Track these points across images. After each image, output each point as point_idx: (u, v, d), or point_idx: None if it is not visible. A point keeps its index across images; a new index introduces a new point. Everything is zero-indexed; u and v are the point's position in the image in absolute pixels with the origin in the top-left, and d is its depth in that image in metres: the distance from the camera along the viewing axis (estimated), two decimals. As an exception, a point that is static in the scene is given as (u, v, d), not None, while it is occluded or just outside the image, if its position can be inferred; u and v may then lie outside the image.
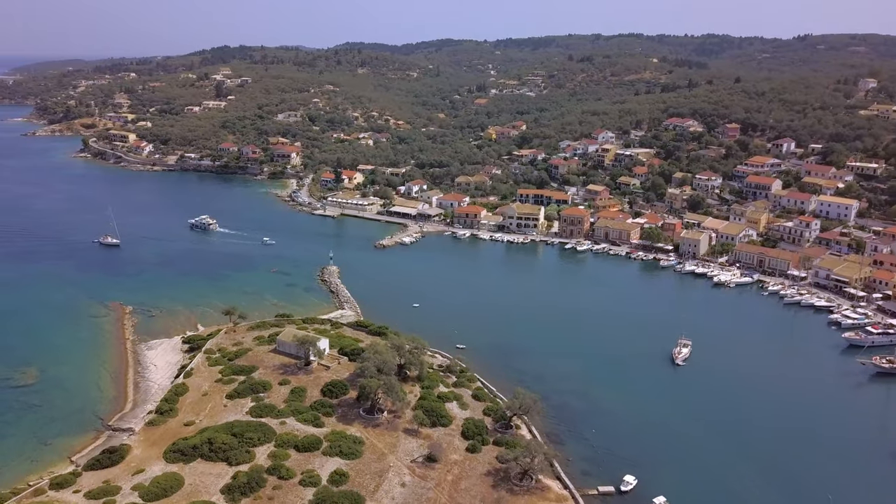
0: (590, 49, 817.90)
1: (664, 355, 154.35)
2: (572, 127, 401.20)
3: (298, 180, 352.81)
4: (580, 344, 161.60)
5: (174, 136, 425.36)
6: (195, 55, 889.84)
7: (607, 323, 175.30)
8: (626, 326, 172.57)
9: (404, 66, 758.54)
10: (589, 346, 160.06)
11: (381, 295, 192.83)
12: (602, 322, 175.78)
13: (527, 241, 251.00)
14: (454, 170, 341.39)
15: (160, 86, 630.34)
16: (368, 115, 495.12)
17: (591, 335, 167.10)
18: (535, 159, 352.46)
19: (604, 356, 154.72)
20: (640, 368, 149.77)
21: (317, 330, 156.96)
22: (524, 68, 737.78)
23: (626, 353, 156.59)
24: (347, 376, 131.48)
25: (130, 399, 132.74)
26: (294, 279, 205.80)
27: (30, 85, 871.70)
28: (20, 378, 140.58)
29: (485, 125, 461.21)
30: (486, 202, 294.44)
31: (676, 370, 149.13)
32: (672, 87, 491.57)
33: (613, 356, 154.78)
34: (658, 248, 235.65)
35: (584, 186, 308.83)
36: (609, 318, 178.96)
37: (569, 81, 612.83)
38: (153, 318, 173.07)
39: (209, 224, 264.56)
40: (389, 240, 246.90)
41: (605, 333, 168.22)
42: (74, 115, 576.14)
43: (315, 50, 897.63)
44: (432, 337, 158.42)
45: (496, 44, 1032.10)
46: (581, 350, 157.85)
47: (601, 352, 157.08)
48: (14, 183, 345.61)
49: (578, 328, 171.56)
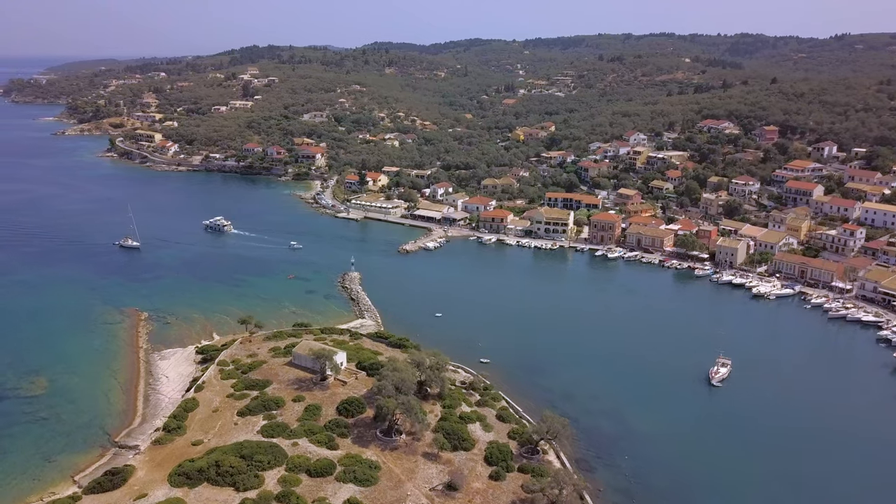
0: (620, 49, 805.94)
1: (700, 374, 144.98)
2: (603, 128, 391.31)
3: (322, 182, 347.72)
4: (611, 359, 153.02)
5: (200, 136, 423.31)
6: (224, 55, 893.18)
7: (640, 337, 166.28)
8: (660, 341, 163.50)
9: (432, 65, 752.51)
10: (620, 362, 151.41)
11: (402, 303, 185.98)
12: (634, 336, 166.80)
13: (555, 247, 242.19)
14: (481, 172, 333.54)
15: (188, 85, 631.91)
16: (394, 116, 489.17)
17: (622, 350, 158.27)
18: (564, 161, 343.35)
19: (636, 373, 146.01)
20: (675, 388, 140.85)
21: (335, 341, 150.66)
22: (553, 68, 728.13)
23: (660, 370, 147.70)
24: (365, 393, 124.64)
25: (139, 413, 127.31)
26: (314, 285, 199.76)
27: (62, 84, 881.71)
28: (29, 388, 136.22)
29: (513, 126, 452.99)
30: (513, 206, 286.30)
31: (712, 392, 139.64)
32: (706, 88, 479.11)
33: (646, 374, 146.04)
34: (693, 257, 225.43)
35: (615, 190, 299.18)
36: (642, 331, 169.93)
37: (599, 81, 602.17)
38: (168, 326, 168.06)
39: (224, 226, 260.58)
40: (413, 244, 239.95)
41: (638, 348, 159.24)
42: (104, 114, 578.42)
43: (343, 50, 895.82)
44: (455, 350, 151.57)
45: (525, 43, 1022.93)
46: (612, 366, 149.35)
47: (633, 368, 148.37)
48: (39, 183, 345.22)
49: (610, 342, 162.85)
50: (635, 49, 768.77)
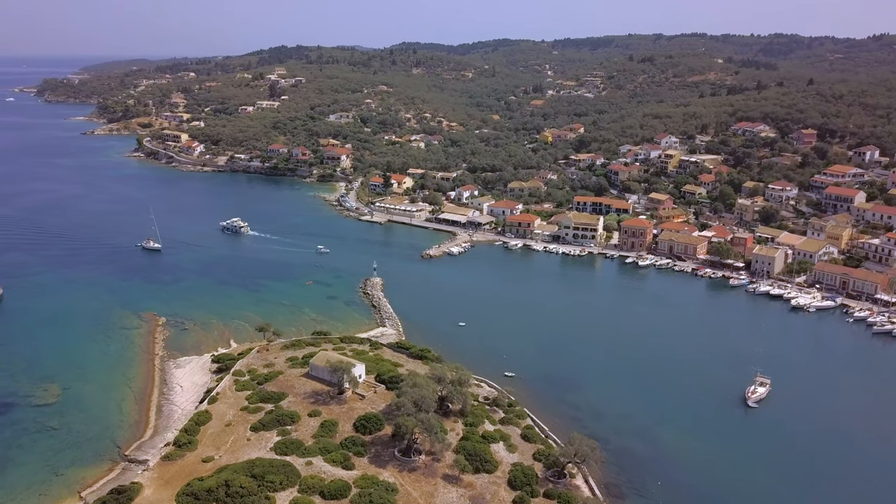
0: (651, 49, 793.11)
1: (736, 393, 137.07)
2: (633, 130, 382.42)
3: (347, 184, 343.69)
4: (642, 374, 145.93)
5: (225, 137, 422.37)
6: (253, 55, 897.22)
7: (672, 351, 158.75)
8: (694, 356, 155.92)
9: (459, 66, 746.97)
10: (652, 378, 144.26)
11: (424, 311, 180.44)
12: (666, 349, 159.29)
13: (584, 253, 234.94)
14: (507, 174, 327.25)
15: (216, 85, 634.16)
16: (421, 117, 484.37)
17: (654, 364, 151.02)
18: (593, 164, 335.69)
19: (668, 391, 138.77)
20: (709, 408, 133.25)
21: (355, 351, 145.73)
22: (582, 69, 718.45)
23: (694, 387, 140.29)
24: (384, 408, 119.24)
25: (151, 425, 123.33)
26: (335, 291, 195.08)
27: (94, 84, 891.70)
28: (41, 396, 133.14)
29: (540, 127, 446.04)
30: (541, 210, 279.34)
31: (748, 413, 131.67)
32: (739, 89, 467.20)
33: (679, 391, 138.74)
34: (727, 265, 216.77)
35: (646, 194, 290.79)
36: (674, 345, 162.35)
37: (629, 82, 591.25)
38: (185, 332, 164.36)
39: (240, 227, 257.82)
40: (437, 249, 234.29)
41: (670, 363, 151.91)
42: (133, 114, 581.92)
43: (371, 50, 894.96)
44: (478, 362, 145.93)
45: (554, 44, 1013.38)
46: (643, 382, 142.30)
47: (665, 385, 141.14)
48: (66, 182, 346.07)
49: (641, 355, 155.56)
50: (666, 49, 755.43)
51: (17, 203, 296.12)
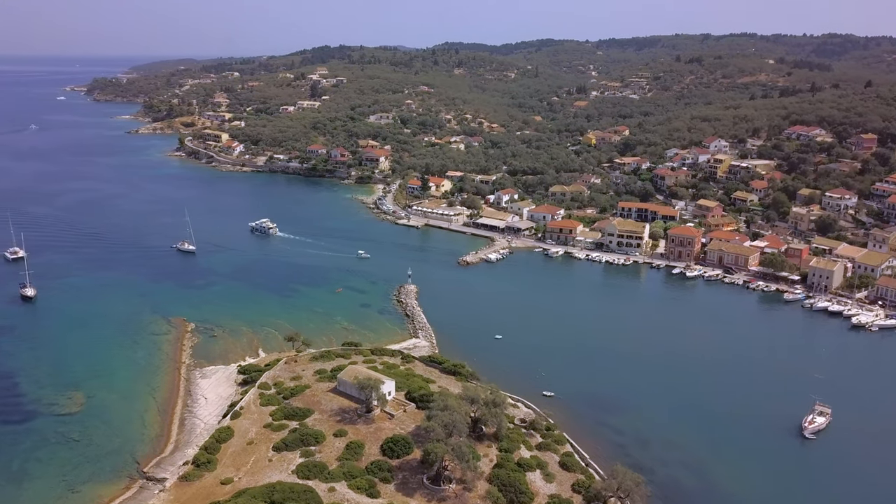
0: (698, 49, 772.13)
1: (792, 422, 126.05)
2: (680, 133, 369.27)
3: (385, 186, 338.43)
4: (691, 397, 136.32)
5: (265, 137, 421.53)
6: (296, 55, 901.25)
7: (722, 372, 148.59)
8: (746, 378, 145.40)
9: (502, 66, 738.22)
10: (701, 402, 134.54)
11: (459, 322, 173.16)
12: (716, 370, 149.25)
13: (628, 262, 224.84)
14: (549, 178, 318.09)
15: (258, 85, 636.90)
16: (461, 118, 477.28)
17: (703, 386, 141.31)
18: (638, 168, 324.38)
19: (719, 417, 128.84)
20: (762, 438, 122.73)
21: (385, 364, 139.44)
22: (627, 69, 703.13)
23: (746, 414, 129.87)
24: (413, 429, 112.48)
25: (173, 440, 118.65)
26: (369, 298, 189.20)
27: (141, 83, 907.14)
28: (65, 404, 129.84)
29: (584, 129, 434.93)
30: (583, 215, 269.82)
31: (805, 445, 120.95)
32: (792, 91, 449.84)
33: (730, 418, 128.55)
34: (781, 278, 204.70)
35: (694, 201, 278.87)
36: (725, 365, 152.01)
37: (676, 83, 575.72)
38: (214, 339, 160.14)
39: (269, 228, 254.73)
40: (474, 256, 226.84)
41: (721, 385, 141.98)
42: (176, 113, 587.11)
43: (414, 50, 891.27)
44: (514, 379, 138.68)
45: (598, 44, 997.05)
46: (691, 406, 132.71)
47: (715, 411, 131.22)
48: (106, 182, 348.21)
49: (689, 376, 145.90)
50: (714, 50, 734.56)
51: (58, 202, 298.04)
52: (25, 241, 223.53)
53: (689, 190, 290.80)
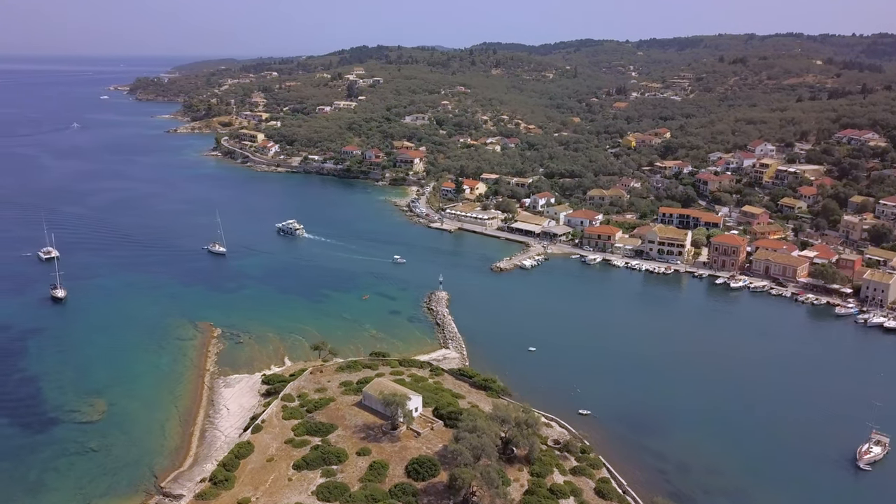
0: (742, 49, 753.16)
1: (845, 451, 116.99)
2: (724, 136, 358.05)
3: (419, 188, 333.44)
4: (735, 420, 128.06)
5: (300, 137, 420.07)
6: (334, 55, 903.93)
7: (770, 392, 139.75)
8: (794, 400, 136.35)
9: (540, 66, 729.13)
10: (747, 424, 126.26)
11: (491, 332, 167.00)
12: (763, 390, 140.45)
13: (669, 271, 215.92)
14: (587, 181, 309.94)
15: (295, 85, 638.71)
16: (498, 119, 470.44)
17: (750, 407, 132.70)
18: (680, 172, 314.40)
19: (765, 443, 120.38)
20: (812, 466, 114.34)
21: (413, 377, 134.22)
22: (669, 70, 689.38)
23: (794, 440, 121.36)
24: (440, 449, 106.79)
25: (192, 453, 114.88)
26: (399, 305, 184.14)
27: (182, 83, 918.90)
28: (86, 412, 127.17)
29: (623, 131, 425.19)
30: (622, 220, 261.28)
31: (859, 477, 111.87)
32: (842, 93, 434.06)
33: (777, 444, 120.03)
34: (833, 291, 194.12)
35: (739, 207, 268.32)
36: (773, 384, 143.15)
37: (719, 85, 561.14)
38: (240, 346, 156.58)
39: (295, 229, 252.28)
40: (508, 262, 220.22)
41: (768, 406, 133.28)
42: (214, 112, 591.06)
43: (451, 50, 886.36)
44: (548, 396, 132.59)
45: (639, 44, 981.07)
46: (737, 429, 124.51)
47: (762, 434, 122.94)
48: (142, 181, 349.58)
49: (734, 396, 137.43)
50: (759, 50, 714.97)
51: (93, 201, 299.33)
52: (59, 241, 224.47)
53: (734, 196, 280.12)
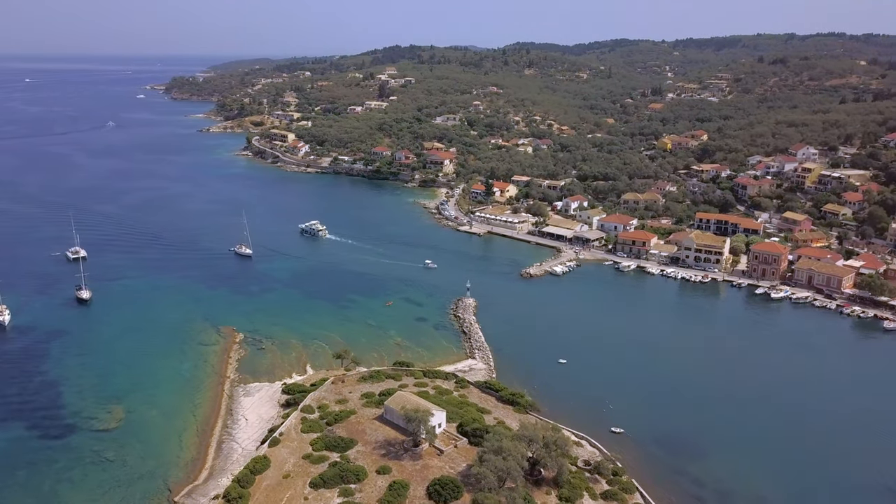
0: (782, 50, 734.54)
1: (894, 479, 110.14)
2: (764, 139, 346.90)
3: (448, 190, 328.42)
4: (779, 442, 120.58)
5: (330, 137, 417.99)
6: (367, 55, 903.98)
7: (815, 412, 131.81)
8: (842, 420, 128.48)
9: (574, 66, 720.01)
10: (790, 447, 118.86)
11: (520, 342, 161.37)
12: (807, 409, 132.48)
13: (706, 279, 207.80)
14: (621, 185, 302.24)
15: (327, 85, 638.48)
16: (530, 120, 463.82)
17: (793, 429, 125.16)
18: (717, 176, 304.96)
19: (811, 467, 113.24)
20: (864, 496, 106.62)
21: (438, 389, 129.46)
22: (706, 70, 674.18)
23: (842, 465, 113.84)
24: (463, 468, 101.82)
25: (208, 465, 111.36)
26: (425, 311, 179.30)
27: (216, 82, 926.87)
28: (104, 419, 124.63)
29: (659, 133, 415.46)
30: (658, 226, 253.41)
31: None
32: (888, 95, 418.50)
33: (824, 469, 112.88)
34: (880, 303, 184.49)
35: (779, 213, 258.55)
36: (817, 403, 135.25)
37: (758, 86, 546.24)
38: (262, 353, 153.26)
39: (318, 230, 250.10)
40: (538, 268, 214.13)
41: (813, 428, 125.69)
42: (247, 112, 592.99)
43: (485, 50, 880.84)
44: (579, 411, 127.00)
45: (675, 44, 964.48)
46: (780, 452, 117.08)
47: (807, 459, 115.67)
48: (173, 180, 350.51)
49: (776, 416, 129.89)
50: (799, 50, 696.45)
51: (124, 200, 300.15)
52: (88, 241, 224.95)
53: (774, 201, 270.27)
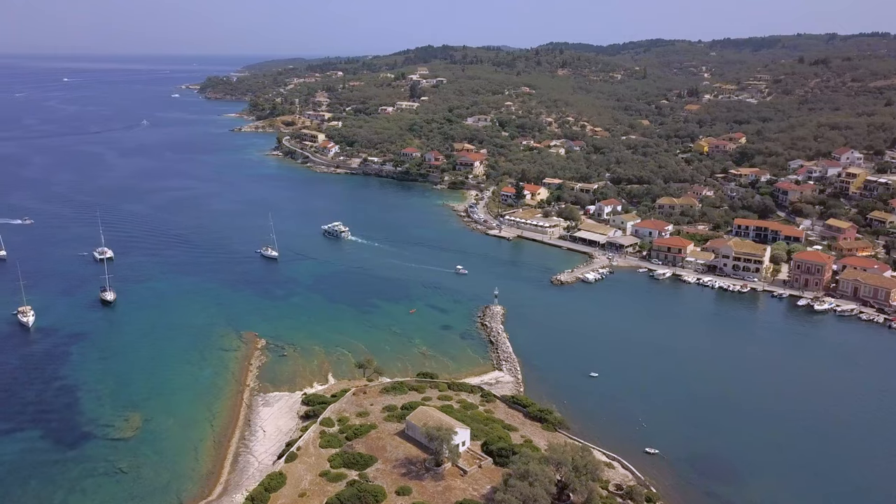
0: (823, 50, 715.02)
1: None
2: (805, 142, 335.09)
3: (478, 192, 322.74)
4: (825, 466, 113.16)
5: (360, 138, 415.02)
6: (399, 55, 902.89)
7: (863, 437, 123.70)
8: (892, 446, 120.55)
9: (608, 67, 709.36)
10: (837, 474, 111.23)
11: (549, 353, 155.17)
12: (856, 434, 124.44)
13: (745, 289, 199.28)
14: (656, 188, 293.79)
15: (359, 85, 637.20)
16: (563, 121, 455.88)
17: (840, 454, 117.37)
18: (757, 180, 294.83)
19: (858, 497, 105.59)
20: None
21: (462, 403, 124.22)
22: (744, 71, 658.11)
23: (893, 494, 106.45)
24: (487, 491, 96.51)
25: (223, 480, 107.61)
26: (451, 319, 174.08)
27: (249, 82, 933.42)
28: (121, 427, 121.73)
29: (695, 135, 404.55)
30: (694, 232, 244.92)
31: None
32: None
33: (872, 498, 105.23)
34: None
35: (822, 220, 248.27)
36: (867, 426, 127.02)
37: (799, 87, 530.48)
38: (283, 360, 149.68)
39: (341, 231, 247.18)
40: (569, 274, 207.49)
41: (862, 454, 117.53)
42: (279, 111, 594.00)
43: (517, 50, 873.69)
44: (611, 430, 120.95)
45: (711, 44, 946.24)
46: (827, 478, 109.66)
47: (855, 489, 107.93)
48: (202, 180, 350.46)
49: (824, 440, 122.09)
50: (841, 51, 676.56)
51: (152, 200, 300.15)
52: (115, 240, 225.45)
53: (816, 207, 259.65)
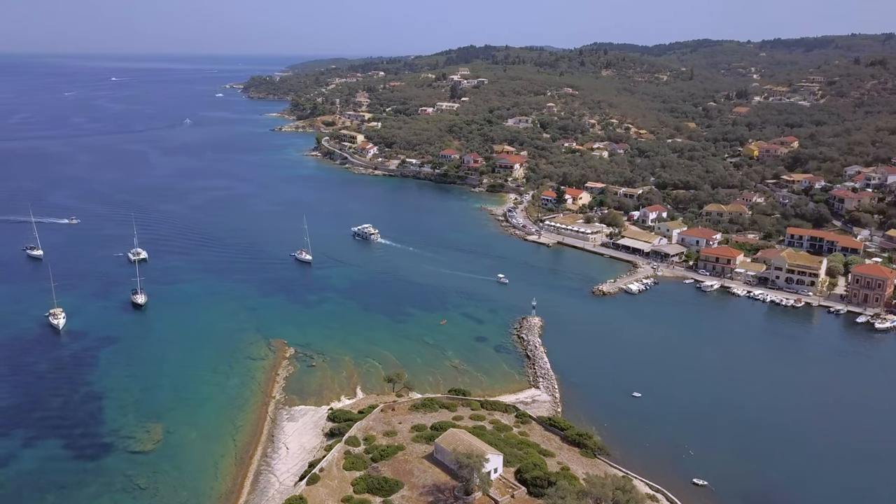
0: (880, 51, 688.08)
1: None
2: (862, 147, 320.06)
3: (517, 196, 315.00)
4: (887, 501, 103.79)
5: (399, 139, 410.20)
6: (441, 55, 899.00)
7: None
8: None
9: (653, 67, 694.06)
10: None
11: (589, 370, 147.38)
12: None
13: (799, 303, 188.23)
14: (703, 194, 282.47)
15: (400, 85, 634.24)
16: (606, 123, 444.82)
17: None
18: (811, 187, 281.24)
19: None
20: None
21: (496, 424, 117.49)
22: (795, 72, 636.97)
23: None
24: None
25: (242, 501, 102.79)
26: (485, 330, 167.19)
27: (292, 82, 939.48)
28: (141, 439, 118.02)
29: (744, 139, 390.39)
30: (744, 241, 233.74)
31: None
32: None
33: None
34: None
35: (882, 231, 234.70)
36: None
37: (855, 89, 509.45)
38: (311, 370, 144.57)
39: (370, 234, 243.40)
40: (611, 285, 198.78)
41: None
42: (319, 111, 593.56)
43: (560, 50, 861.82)
44: (655, 457, 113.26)
45: (761, 44, 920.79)
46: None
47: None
48: (241, 180, 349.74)
49: (885, 469, 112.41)
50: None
51: (189, 200, 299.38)
52: (151, 241, 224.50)
53: (876, 217, 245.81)
